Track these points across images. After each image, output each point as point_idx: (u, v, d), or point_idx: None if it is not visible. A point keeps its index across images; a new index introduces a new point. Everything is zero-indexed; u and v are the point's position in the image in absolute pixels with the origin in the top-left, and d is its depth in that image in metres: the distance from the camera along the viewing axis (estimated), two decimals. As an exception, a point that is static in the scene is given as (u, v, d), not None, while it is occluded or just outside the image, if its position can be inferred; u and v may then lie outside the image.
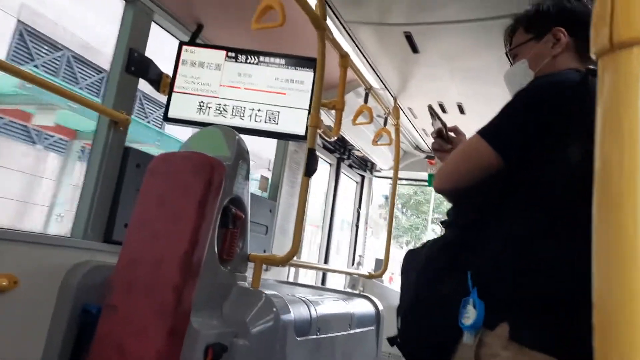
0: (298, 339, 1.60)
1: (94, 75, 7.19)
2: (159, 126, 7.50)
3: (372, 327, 2.25)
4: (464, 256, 1.01)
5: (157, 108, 8.00)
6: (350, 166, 3.79)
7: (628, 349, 0.26)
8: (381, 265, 2.71)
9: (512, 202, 0.98)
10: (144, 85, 1.84)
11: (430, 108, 1.39)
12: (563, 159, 0.91)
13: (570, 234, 0.83)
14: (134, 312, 1.35)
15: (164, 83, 1.91)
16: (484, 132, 1.01)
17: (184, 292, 1.34)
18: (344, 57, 1.97)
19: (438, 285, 1.02)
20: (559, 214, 0.91)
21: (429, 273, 1.04)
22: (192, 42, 2.00)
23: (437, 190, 1.11)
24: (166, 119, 1.92)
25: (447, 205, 1.21)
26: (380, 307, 2.34)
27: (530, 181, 0.96)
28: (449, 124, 1.34)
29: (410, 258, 1.16)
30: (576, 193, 0.75)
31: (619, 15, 0.30)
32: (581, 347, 0.55)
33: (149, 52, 1.81)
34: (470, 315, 0.91)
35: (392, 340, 1.11)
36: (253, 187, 2.85)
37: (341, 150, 3.55)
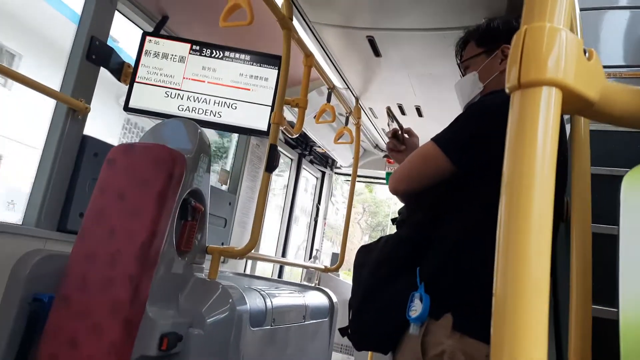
0: (253, 329, 1.64)
1: None
2: None
3: (326, 319, 2.32)
4: (415, 254, 1.09)
5: None
6: (311, 162, 3.85)
7: (516, 330, 0.33)
8: (337, 259, 2.79)
9: (462, 206, 1.07)
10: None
11: (388, 109, 1.46)
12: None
13: None
14: (88, 305, 1.35)
15: (125, 72, 1.89)
16: (438, 140, 1.08)
17: (140, 283, 1.35)
18: (309, 56, 2.02)
19: (389, 282, 1.08)
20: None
21: (382, 270, 1.11)
22: (156, 33, 1.98)
23: (392, 192, 1.17)
24: (127, 109, 1.90)
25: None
26: (335, 300, 2.42)
27: (477, 188, 1.04)
28: (408, 126, 1.42)
29: (364, 253, 1.22)
30: None
31: (526, 59, 0.37)
32: None
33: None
34: (417, 308, 0.99)
35: (343, 331, 1.17)
36: (213, 179, 2.85)
37: (303, 146, 3.60)
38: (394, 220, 1.27)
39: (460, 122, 1.09)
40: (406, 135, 1.39)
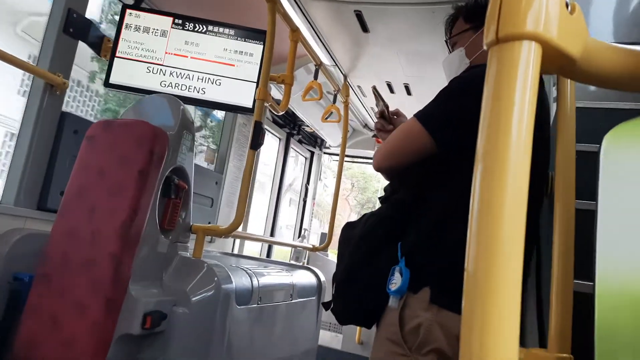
0: (239, 307, 1.63)
1: None
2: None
3: (314, 298, 2.33)
4: (396, 231, 1.09)
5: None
6: (299, 142, 3.81)
7: (487, 307, 0.32)
8: (325, 238, 2.79)
9: (444, 183, 1.07)
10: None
11: (374, 89, 1.43)
12: None
13: None
14: (69, 284, 1.33)
15: (105, 47, 1.83)
16: (420, 116, 1.07)
17: (122, 262, 1.33)
18: (295, 31, 1.97)
19: (371, 258, 1.09)
20: None
21: (363, 246, 1.12)
22: (136, 6, 1.91)
23: (376, 169, 1.17)
24: (107, 84, 1.85)
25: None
26: (322, 279, 2.43)
27: (459, 165, 1.04)
28: (396, 104, 1.40)
29: (348, 230, 1.22)
30: None
31: (504, 13, 0.35)
32: None
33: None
34: (397, 281, 1.00)
35: (326, 305, 1.19)
36: (199, 159, 2.82)
37: (291, 125, 3.56)
38: (380, 199, 1.26)
39: (442, 97, 1.08)
40: (394, 116, 1.37)
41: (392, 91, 2.90)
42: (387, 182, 1.30)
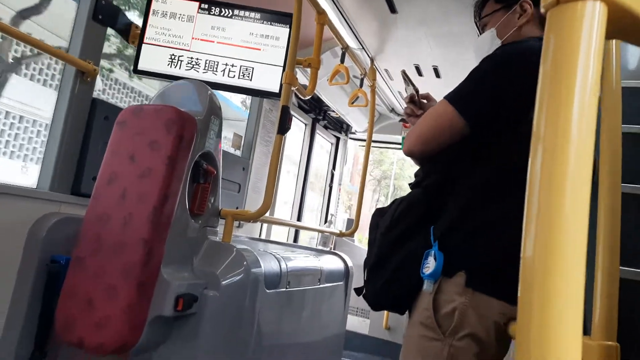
0: (268, 291, 1.64)
1: None
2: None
3: (341, 283, 2.33)
4: (428, 215, 1.07)
5: None
6: (325, 127, 3.79)
7: (545, 297, 0.29)
8: (352, 224, 2.78)
9: (476, 166, 1.04)
10: None
11: (404, 73, 1.40)
12: (523, 127, 0.96)
13: (521, 198, 0.90)
14: (102, 267, 1.36)
15: (133, 34, 1.84)
16: (451, 97, 1.05)
17: (153, 246, 1.35)
18: (321, 14, 1.94)
19: (403, 242, 1.08)
20: (514, 178, 0.97)
21: (395, 230, 1.10)
22: (163, -9, 1.91)
23: (407, 154, 1.15)
24: (136, 71, 1.87)
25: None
26: (350, 264, 2.42)
27: (492, 147, 1.02)
28: (425, 88, 1.36)
29: (378, 215, 1.21)
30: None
31: (566, -30, 0.31)
32: None
33: None
34: (430, 265, 0.99)
35: (358, 291, 1.18)
36: (226, 144, 2.83)
37: (316, 110, 3.53)
38: (411, 185, 1.24)
39: (474, 76, 1.05)
40: (424, 101, 1.34)
41: (420, 74, 2.83)
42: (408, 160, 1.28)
